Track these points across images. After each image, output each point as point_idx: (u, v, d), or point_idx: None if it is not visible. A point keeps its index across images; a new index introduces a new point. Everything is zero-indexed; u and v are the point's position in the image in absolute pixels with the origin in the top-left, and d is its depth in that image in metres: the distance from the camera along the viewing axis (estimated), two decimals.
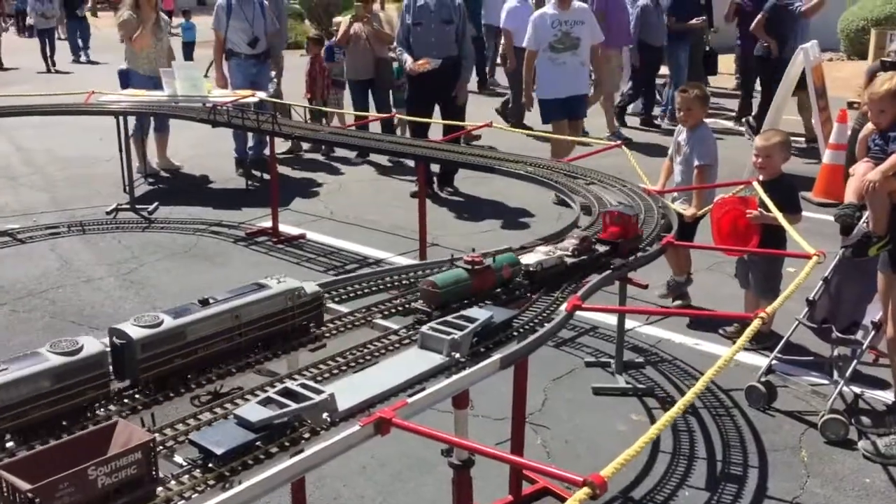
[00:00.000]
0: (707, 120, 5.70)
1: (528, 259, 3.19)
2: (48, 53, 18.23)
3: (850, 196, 4.24)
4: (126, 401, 2.35)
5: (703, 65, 11.78)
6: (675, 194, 5.37)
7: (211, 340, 2.48)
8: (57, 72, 17.88)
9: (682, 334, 5.13)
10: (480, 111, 10.19)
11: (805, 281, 2.99)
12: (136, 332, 2.33)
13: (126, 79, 8.73)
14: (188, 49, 18.23)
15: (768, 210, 4.44)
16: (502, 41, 11.04)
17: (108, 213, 7.52)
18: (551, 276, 3.20)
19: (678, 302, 5.52)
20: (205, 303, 2.51)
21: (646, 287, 4.12)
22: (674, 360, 4.85)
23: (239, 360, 2.58)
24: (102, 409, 2.28)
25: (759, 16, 9.88)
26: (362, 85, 9.61)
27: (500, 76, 13.46)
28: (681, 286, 5.50)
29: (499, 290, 3.08)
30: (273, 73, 9.13)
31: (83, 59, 19.72)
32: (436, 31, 7.75)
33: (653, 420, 4.22)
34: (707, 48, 12.15)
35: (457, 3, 7.81)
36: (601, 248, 3.43)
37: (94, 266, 6.28)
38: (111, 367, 2.33)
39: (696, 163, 5.28)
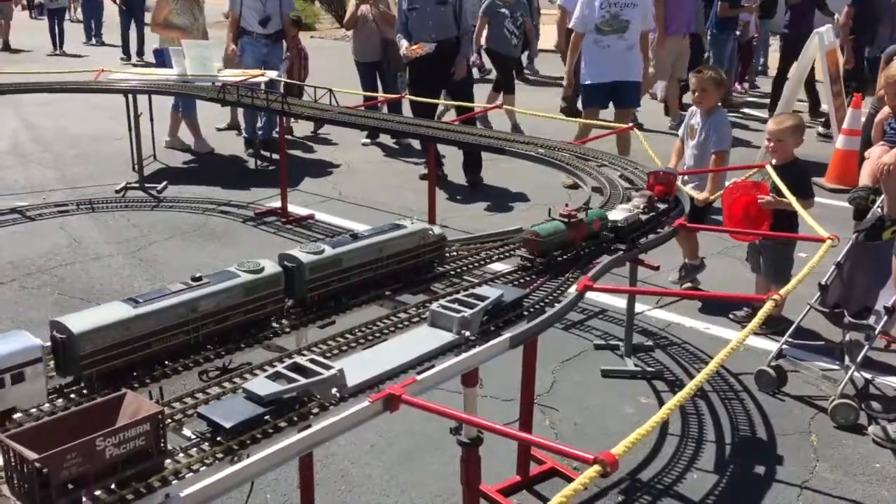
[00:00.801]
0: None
1: (614, 215, 3.50)
2: (56, 34, 17.33)
3: (864, 179, 4.20)
4: (293, 317, 2.70)
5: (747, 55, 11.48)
6: (687, 178, 5.32)
7: (360, 269, 2.84)
8: (65, 54, 17.01)
9: (692, 318, 5.10)
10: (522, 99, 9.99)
11: (818, 265, 2.96)
12: (305, 257, 2.68)
13: (161, 57, 8.74)
14: None
15: (780, 195, 4.41)
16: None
17: (117, 192, 7.52)
18: (630, 230, 3.50)
19: (688, 285, 5.49)
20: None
21: (657, 269, 4.08)
22: (683, 343, 4.82)
23: (379, 289, 2.93)
24: (277, 323, 2.65)
25: (845, 8, 9.59)
26: (370, 67, 9.57)
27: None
28: (696, 270, 5.47)
29: (589, 241, 3.37)
30: (285, 54, 9.10)
31: (94, 42, 18.88)
32: (432, 13, 7.64)
33: (662, 403, 4.20)
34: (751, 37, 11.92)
35: None
36: (661, 206, 3.75)
37: (103, 244, 6.28)
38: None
39: (712, 149, 5.23)
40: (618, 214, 3.51)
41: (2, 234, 6.48)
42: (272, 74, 8.16)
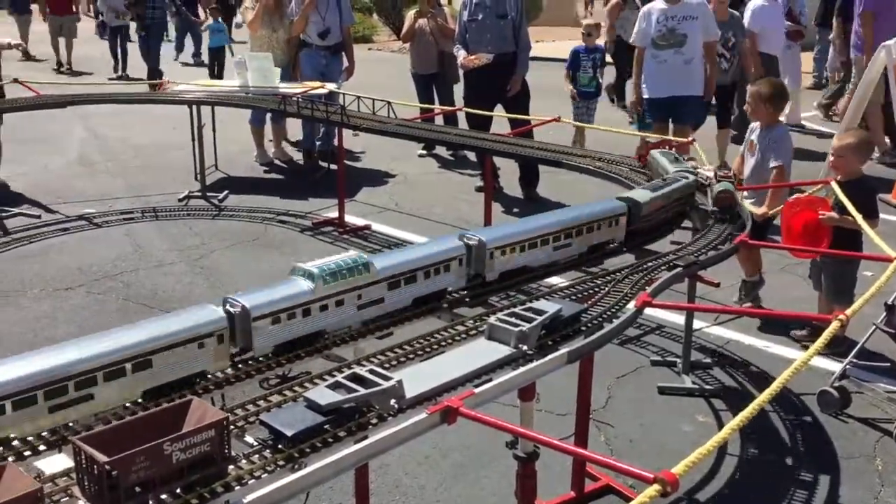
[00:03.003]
0: None
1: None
2: (119, 55, 15.71)
3: None
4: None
5: None
6: (745, 193, 5.24)
7: (665, 208, 3.87)
8: (128, 78, 15.15)
9: (752, 336, 5.01)
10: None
11: (885, 285, 2.89)
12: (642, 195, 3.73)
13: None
14: (215, 56, 14.40)
15: (843, 211, 4.31)
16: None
17: (179, 200, 7.70)
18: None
19: (748, 304, 5.39)
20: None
21: (717, 285, 4.03)
22: (742, 361, 4.74)
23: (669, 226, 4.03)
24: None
25: None
26: (427, 79, 9.63)
27: None
28: (755, 287, 5.36)
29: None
30: (344, 66, 9.21)
31: (192, 61, 17.23)
32: (491, 26, 7.64)
33: (720, 422, 4.13)
34: None
35: None
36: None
37: (166, 251, 6.44)
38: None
39: (772, 163, 5.14)
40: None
41: (71, 241, 6.69)
42: (331, 86, 8.27)
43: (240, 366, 2.52)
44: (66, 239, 6.74)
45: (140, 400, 2.28)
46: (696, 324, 4.86)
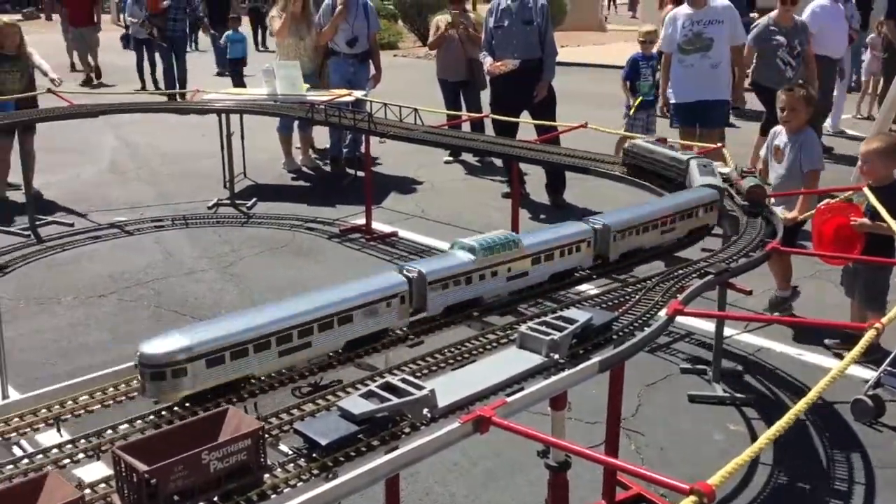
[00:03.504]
0: None
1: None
2: (144, 69, 14.93)
3: None
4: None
5: None
6: (774, 200, 5.19)
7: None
8: (157, 89, 14.25)
9: (783, 343, 4.96)
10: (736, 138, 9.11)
11: None
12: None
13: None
14: (235, 67, 13.88)
15: (875, 217, 4.26)
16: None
17: (209, 208, 7.78)
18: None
19: (777, 314, 5.33)
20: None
21: (750, 293, 4.00)
22: (774, 370, 4.70)
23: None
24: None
25: None
26: (455, 86, 9.65)
27: None
28: (785, 301, 5.31)
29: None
30: (371, 73, 9.26)
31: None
32: (517, 33, 7.65)
33: (752, 430, 4.10)
34: None
35: (539, 3, 7.69)
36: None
37: (196, 259, 6.51)
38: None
39: (806, 168, 5.09)
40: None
41: (102, 249, 6.78)
42: (358, 94, 8.32)
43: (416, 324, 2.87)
44: (97, 247, 6.83)
45: (340, 351, 2.64)
46: (727, 331, 4.83)
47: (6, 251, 6.58)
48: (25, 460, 2.05)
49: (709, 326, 4.85)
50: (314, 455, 2.08)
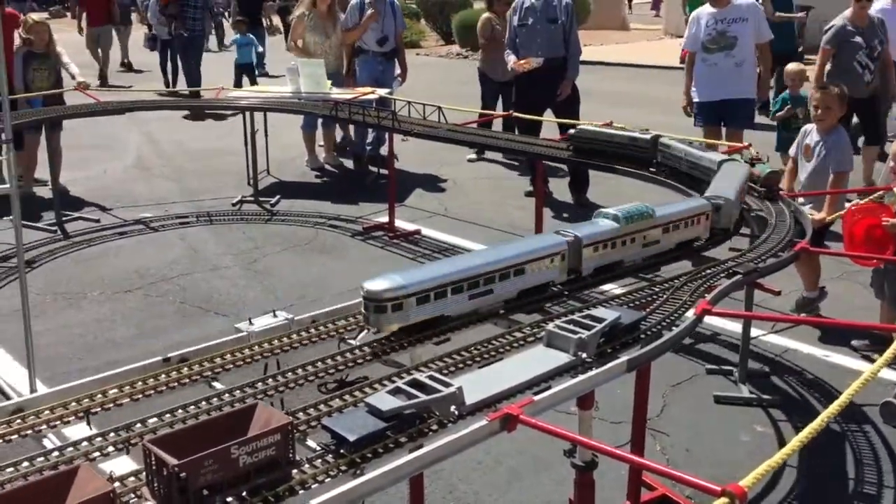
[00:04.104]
0: None
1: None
2: (170, 71, 14.37)
3: None
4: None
5: None
6: (802, 199, 5.14)
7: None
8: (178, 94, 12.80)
9: (811, 344, 4.90)
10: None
11: None
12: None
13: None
14: (243, 74, 13.18)
15: None
16: None
17: (233, 205, 7.82)
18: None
19: (804, 315, 5.27)
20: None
21: (778, 293, 3.95)
22: (801, 371, 4.64)
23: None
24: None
25: None
26: (498, 85, 9.56)
27: None
28: (812, 302, 5.25)
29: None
30: (398, 72, 9.29)
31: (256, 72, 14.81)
32: (541, 30, 7.63)
33: (778, 432, 4.05)
34: None
35: (564, 2, 7.65)
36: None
37: (221, 255, 6.54)
38: None
39: (834, 169, 5.03)
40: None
41: (129, 244, 6.84)
42: (382, 92, 8.33)
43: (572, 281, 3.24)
44: (123, 242, 6.89)
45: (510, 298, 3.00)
46: (753, 331, 4.78)
47: (34, 246, 6.65)
48: (56, 453, 2.06)
49: (735, 327, 4.81)
50: (342, 451, 2.08)
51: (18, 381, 4.33)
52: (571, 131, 5.49)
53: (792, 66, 8.05)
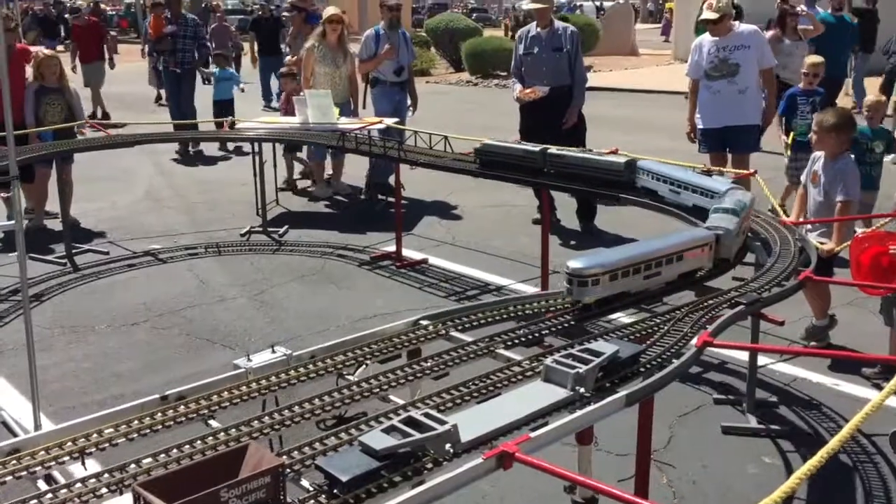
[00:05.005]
0: None
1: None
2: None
3: None
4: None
5: None
6: (810, 226, 5.11)
7: None
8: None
9: (820, 373, 4.85)
10: None
11: None
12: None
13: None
14: (222, 110, 11.80)
15: None
16: None
17: (241, 236, 7.85)
18: None
19: (813, 343, 5.22)
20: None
21: (782, 324, 3.92)
22: (810, 400, 4.59)
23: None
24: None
25: None
26: None
27: None
28: (822, 330, 5.20)
29: None
30: (409, 102, 9.40)
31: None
32: (547, 59, 7.66)
33: (787, 463, 4.00)
34: None
35: (569, 31, 7.71)
36: None
37: (228, 286, 6.56)
38: None
39: (839, 197, 5.00)
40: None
41: (137, 276, 6.87)
42: (390, 121, 8.38)
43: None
44: (132, 274, 6.93)
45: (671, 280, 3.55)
46: (761, 360, 4.74)
47: (43, 280, 6.69)
48: (49, 495, 2.06)
49: (743, 355, 4.76)
50: (335, 491, 2.07)
51: (24, 416, 4.34)
52: (478, 146, 6.11)
53: (871, 98, 7.74)
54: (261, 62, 15.99)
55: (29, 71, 7.91)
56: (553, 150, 5.54)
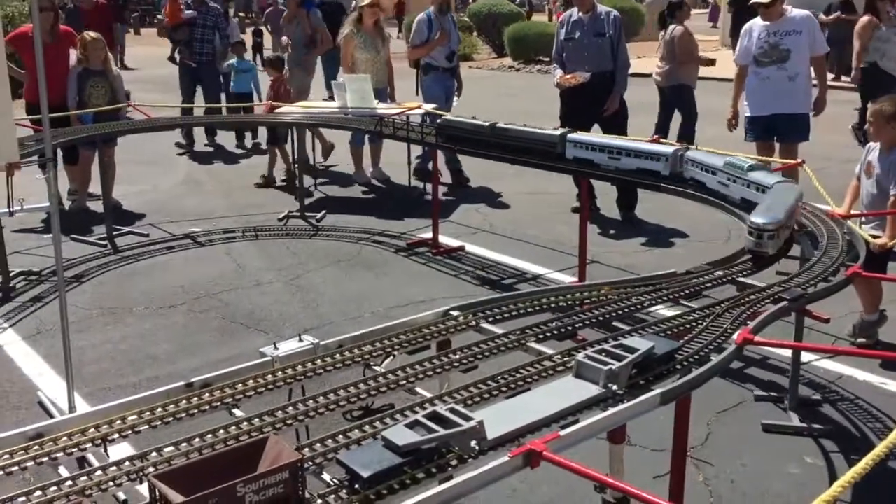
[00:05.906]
0: None
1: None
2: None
3: None
4: None
5: None
6: (864, 219, 4.92)
7: None
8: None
9: (867, 371, 4.68)
10: None
11: None
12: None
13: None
14: (240, 103, 10.76)
15: None
16: None
17: (279, 220, 7.86)
18: None
19: (862, 340, 5.05)
20: None
21: (827, 321, 3.78)
22: (856, 399, 4.44)
23: None
24: None
25: None
26: None
27: None
28: (871, 326, 5.02)
29: None
30: (455, 86, 9.35)
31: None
32: (588, 45, 7.52)
33: (830, 464, 3.86)
34: None
35: (612, 15, 7.55)
36: None
37: (265, 271, 6.56)
38: None
39: (892, 190, 4.81)
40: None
41: (176, 259, 6.91)
42: (428, 107, 8.30)
43: None
44: (171, 257, 6.97)
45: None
46: (805, 356, 4.59)
47: (84, 260, 6.77)
48: (69, 482, 2.04)
49: (786, 351, 4.62)
50: (356, 487, 2.02)
51: (60, 397, 4.38)
52: (439, 120, 6.66)
53: None
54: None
55: (73, 55, 7.98)
56: (501, 124, 6.06)
